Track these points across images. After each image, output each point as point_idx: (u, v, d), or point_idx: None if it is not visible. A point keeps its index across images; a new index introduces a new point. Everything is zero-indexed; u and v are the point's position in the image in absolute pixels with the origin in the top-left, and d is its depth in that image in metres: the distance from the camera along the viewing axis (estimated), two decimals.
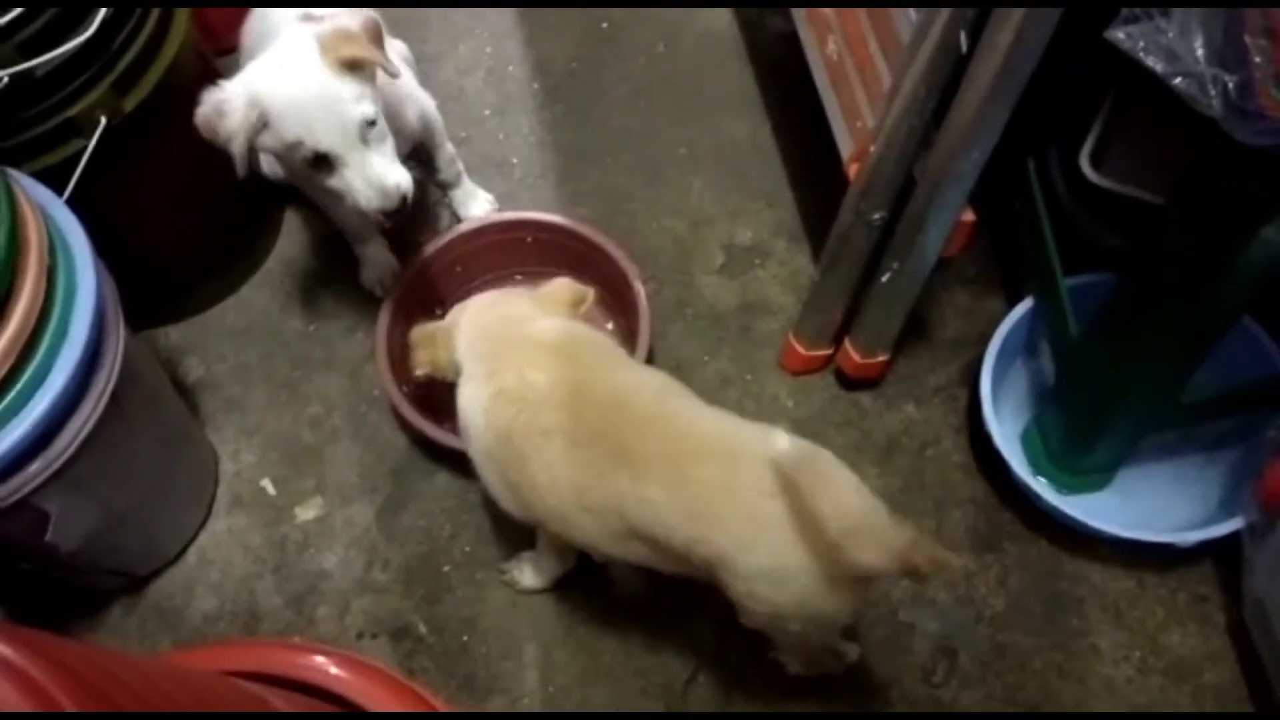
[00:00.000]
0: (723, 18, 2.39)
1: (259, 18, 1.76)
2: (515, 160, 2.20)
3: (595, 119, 2.25)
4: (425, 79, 2.09)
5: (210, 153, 1.87)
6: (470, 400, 1.43)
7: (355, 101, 1.50)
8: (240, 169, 1.53)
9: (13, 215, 1.27)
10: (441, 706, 1.28)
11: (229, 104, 1.49)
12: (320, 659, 1.21)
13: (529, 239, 1.95)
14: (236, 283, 2.08)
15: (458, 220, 2.01)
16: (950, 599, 1.71)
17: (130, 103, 1.60)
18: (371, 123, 1.53)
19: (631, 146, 2.21)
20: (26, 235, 1.29)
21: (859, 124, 1.52)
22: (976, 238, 1.69)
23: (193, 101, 1.76)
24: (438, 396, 1.89)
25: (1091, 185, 1.58)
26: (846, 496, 1.18)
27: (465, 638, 1.72)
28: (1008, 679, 1.65)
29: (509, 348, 1.40)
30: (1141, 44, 1.00)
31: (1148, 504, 1.73)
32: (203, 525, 1.83)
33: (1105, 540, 1.65)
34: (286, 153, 1.55)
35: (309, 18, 1.63)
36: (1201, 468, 1.76)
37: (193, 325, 2.03)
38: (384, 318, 1.83)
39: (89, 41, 1.49)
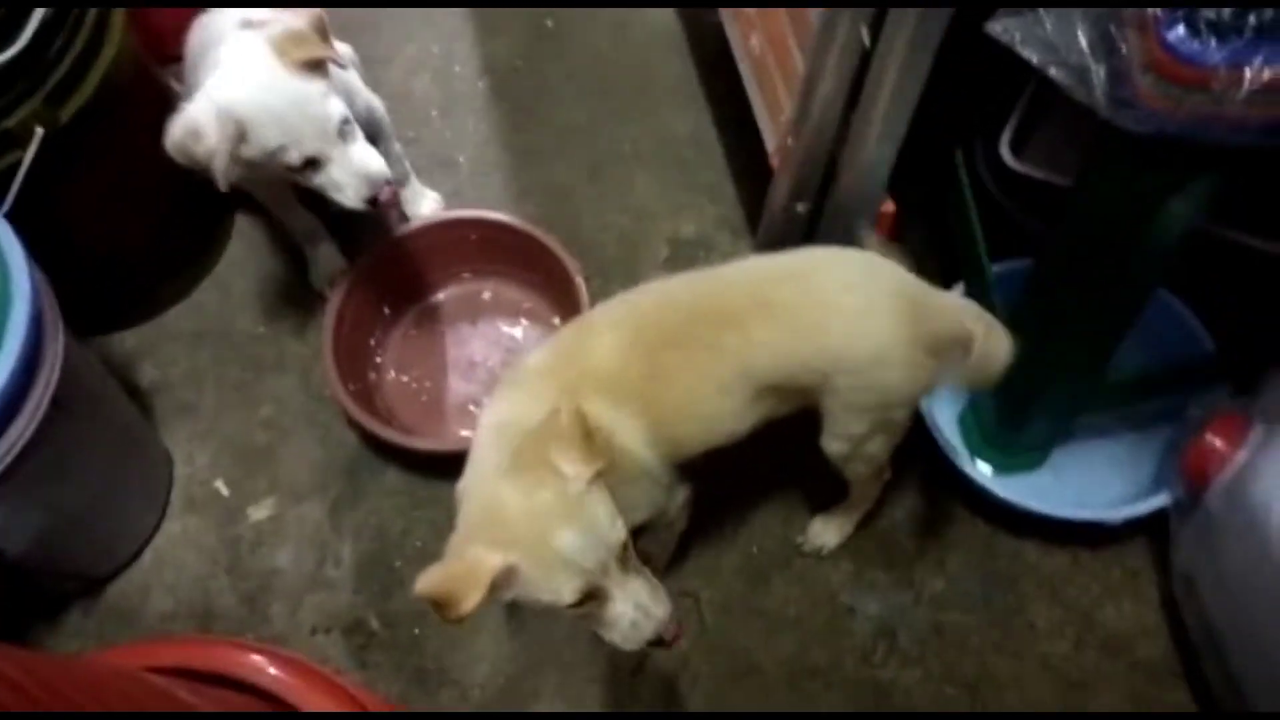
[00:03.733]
0: (666, 14, 2.41)
1: (202, 25, 1.78)
2: (462, 159, 2.22)
3: (540, 117, 2.27)
4: (373, 81, 2.09)
5: (153, 160, 1.90)
6: (628, 436, 1.35)
7: (325, 100, 1.54)
8: (223, 183, 1.54)
9: None
10: (377, 706, 1.31)
11: (200, 123, 1.50)
12: (256, 658, 1.24)
13: (473, 237, 1.98)
14: (188, 287, 2.09)
15: (405, 219, 2.03)
16: (889, 580, 1.75)
17: (67, 113, 1.61)
18: (346, 119, 1.57)
19: (576, 143, 2.23)
20: None
21: (781, 117, 1.54)
22: (912, 227, 1.72)
23: (133, 109, 1.79)
24: (386, 396, 1.93)
25: (1013, 172, 1.61)
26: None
27: (417, 631, 1.74)
28: (946, 657, 1.68)
29: (563, 383, 1.33)
30: (1019, 36, 1.03)
31: (1082, 483, 1.76)
32: (158, 527, 1.85)
33: (1038, 519, 1.69)
34: (266, 160, 1.57)
35: (249, 24, 1.66)
36: (1134, 447, 1.79)
37: (146, 330, 2.05)
38: (331, 317, 1.85)
39: (20, 54, 1.51)
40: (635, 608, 1.18)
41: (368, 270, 1.92)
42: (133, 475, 1.80)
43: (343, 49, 1.96)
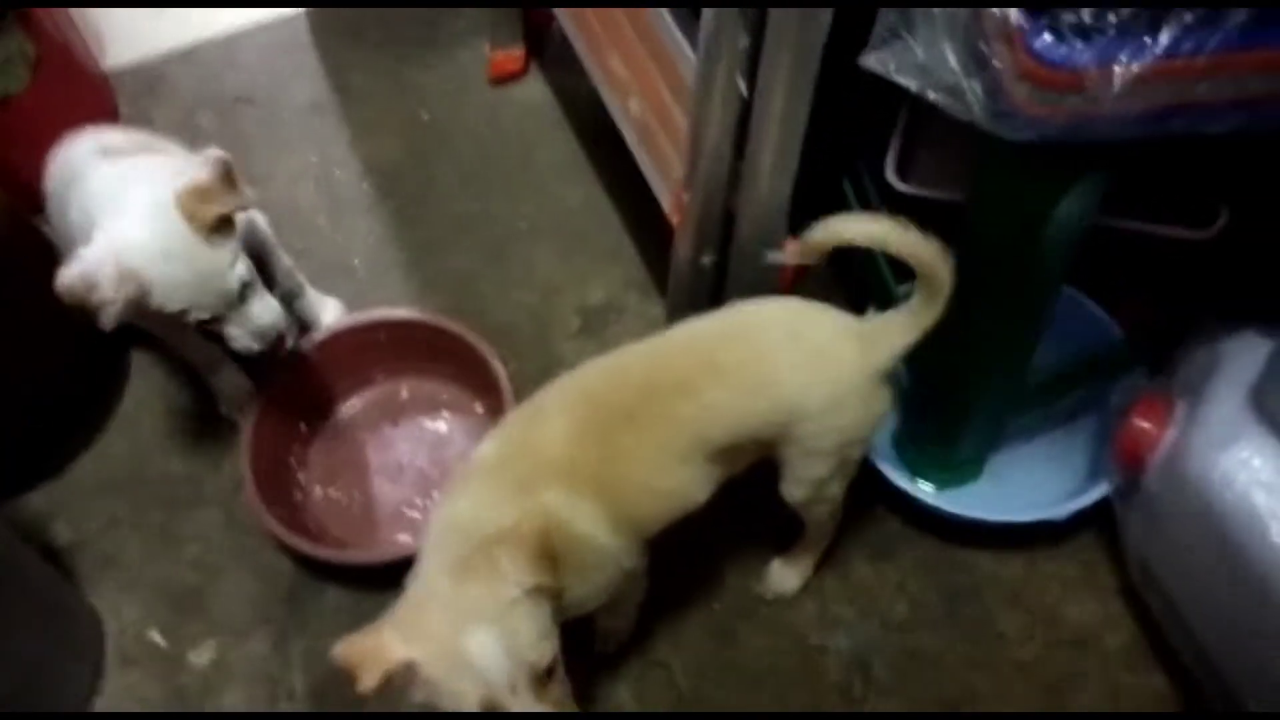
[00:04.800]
0: (539, 91, 2.43)
1: (58, 162, 1.73)
2: (357, 262, 2.19)
3: (430, 208, 2.26)
4: (254, 198, 2.07)
5: (39, 310, 1.84)
6: (589, 523, 1.30)
7: (232, 267, 1.51)
8: (109, 326, 1.48)
9: None
10: None
11: (99, 275, 1.42)
12: None
13: (382, 337, 1.94)
14: (91, 435, 2.00)
15: (307, 331, 1.98)
16: (854, 613, 1.73)
17: None
18: (247, 283, 1.55)
19: (471, 229, 2.22)
20: None
21: (673, 174, 1.55)
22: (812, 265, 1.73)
23: (11, 262, 1.73)
24: (314, 513, 1.87)
25: (901, 194, 1.63)
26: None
27: None
28: (924, 680, 1.67)
29: (517, 475, 1.29)
30: (893, 65, 1.05)
31: (1022, 485, 1.78)
32: (95, 690, 1.74)
33: (988, 528, 1.70)
34: (163, 316, 1.52)
35: (107, 152, 1.61)
36: (1064, 441, 1.82)
37: (53, 488, 1.95)
38: (247, 443, 1.79)
39: None
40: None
41: (278, 389, 1.87)
42: (61, 642, 1.70)
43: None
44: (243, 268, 1.53)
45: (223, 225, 1.50)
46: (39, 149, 1.80)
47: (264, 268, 1.87)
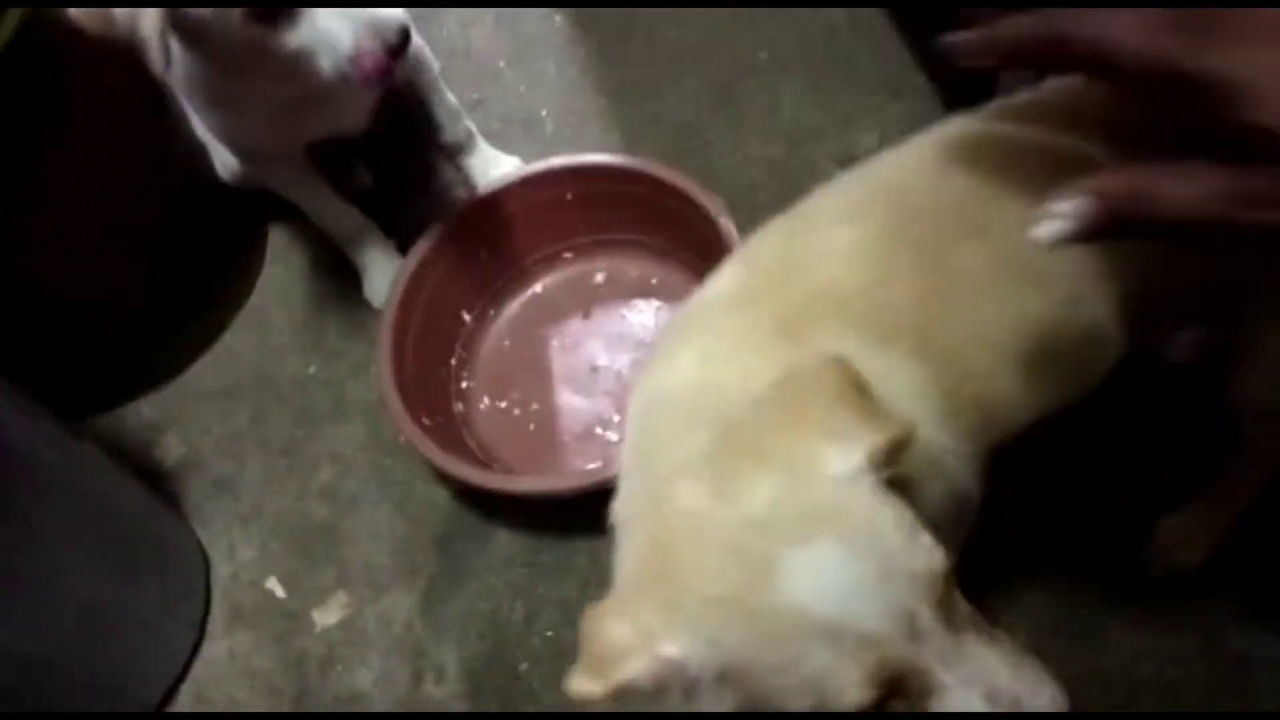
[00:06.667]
0: None
1: None
2: (545, 113, 1.75)
3: (640, 42, 1.81)
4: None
5: (139, 159, 1.45)
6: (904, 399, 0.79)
7: None
8: (159, 63, 1.10)
9: None
10: None
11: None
12: None
13: (569, 196, 1.48)
14: (215, 331, 1.65)
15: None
16: None
17: None
18: None
19: (692, 65, 1.75)
20: None
21: None
22: None
23: (84, 87, 1.35)
24: (480, 430, 1.44)
25: None
26: None
27: None
28: None
29: (777, 314, 0.78)
30: None
31: None
32: (195, 652, 1.39)
33: None
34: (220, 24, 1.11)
35: None
36: None
37: (167, 393, 1.60)
38: (387, 333, 1.37)
39: None
40: (987, 698, 0.57)
41: (425, 268, 1.44)
42: (149, 585, 1.33)
43: None
44: None
45: None
46: None
47: (423, 105, 1.51)
